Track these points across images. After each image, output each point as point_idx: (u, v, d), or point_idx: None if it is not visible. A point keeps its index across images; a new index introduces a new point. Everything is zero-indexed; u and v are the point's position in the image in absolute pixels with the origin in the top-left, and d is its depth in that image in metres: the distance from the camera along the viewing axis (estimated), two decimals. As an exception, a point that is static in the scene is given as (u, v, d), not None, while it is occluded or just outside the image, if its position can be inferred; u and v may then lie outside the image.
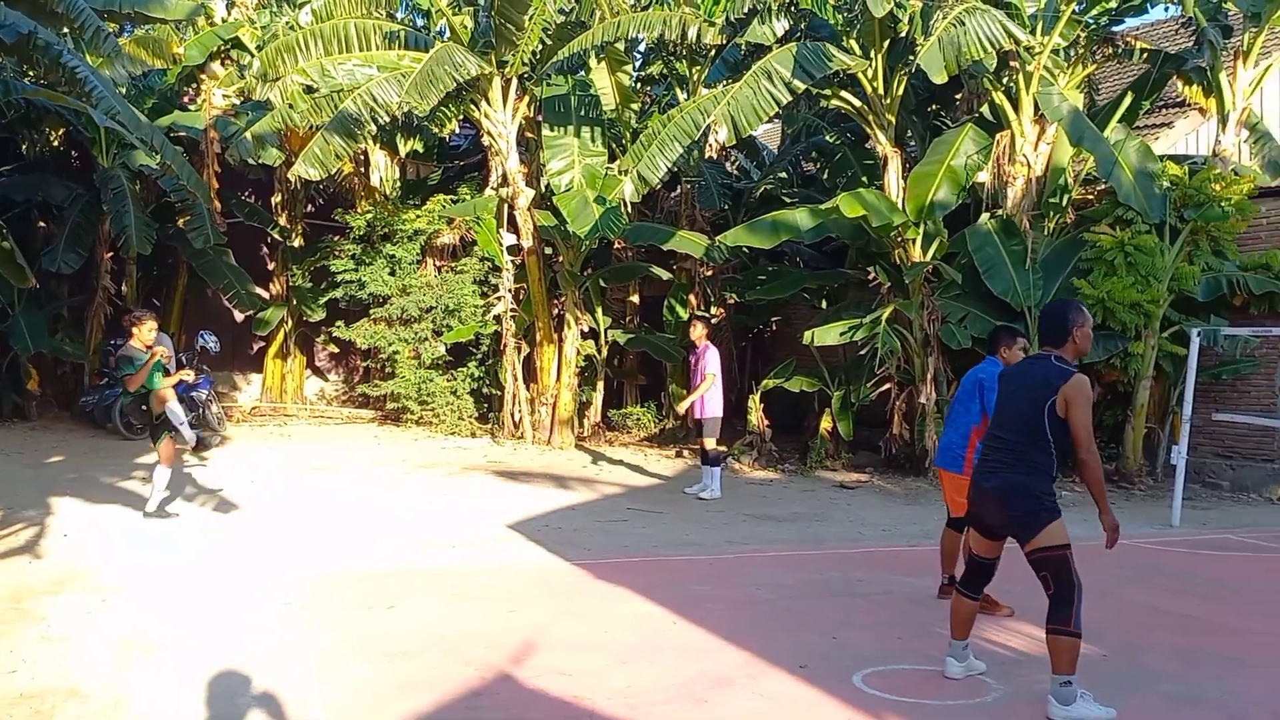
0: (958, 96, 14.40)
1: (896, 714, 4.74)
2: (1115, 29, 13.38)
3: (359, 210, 16.81)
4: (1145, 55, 13.36)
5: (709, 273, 16.14)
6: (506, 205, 15.21)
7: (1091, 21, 12.84)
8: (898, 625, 6.22)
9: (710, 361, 11.17)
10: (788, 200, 15.73)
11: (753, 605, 6.74)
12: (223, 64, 16.64)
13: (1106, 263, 12.04)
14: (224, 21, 16.90)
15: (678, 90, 16.37)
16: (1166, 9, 13.41)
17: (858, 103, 13.25)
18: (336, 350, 18.92)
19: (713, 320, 14.76)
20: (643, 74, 17.71)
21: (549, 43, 14.02)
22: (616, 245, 16.27)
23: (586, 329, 15.74)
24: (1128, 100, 13.25)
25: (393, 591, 6.71)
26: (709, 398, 11.15)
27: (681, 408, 11.86)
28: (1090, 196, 13.40)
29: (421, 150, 17.75)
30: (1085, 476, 4.83)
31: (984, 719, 4.72)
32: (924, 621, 6.32)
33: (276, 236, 17.82)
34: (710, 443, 11.17)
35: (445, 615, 6.21)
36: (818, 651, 5.63)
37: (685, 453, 14.68)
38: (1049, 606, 4.72)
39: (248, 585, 6.79)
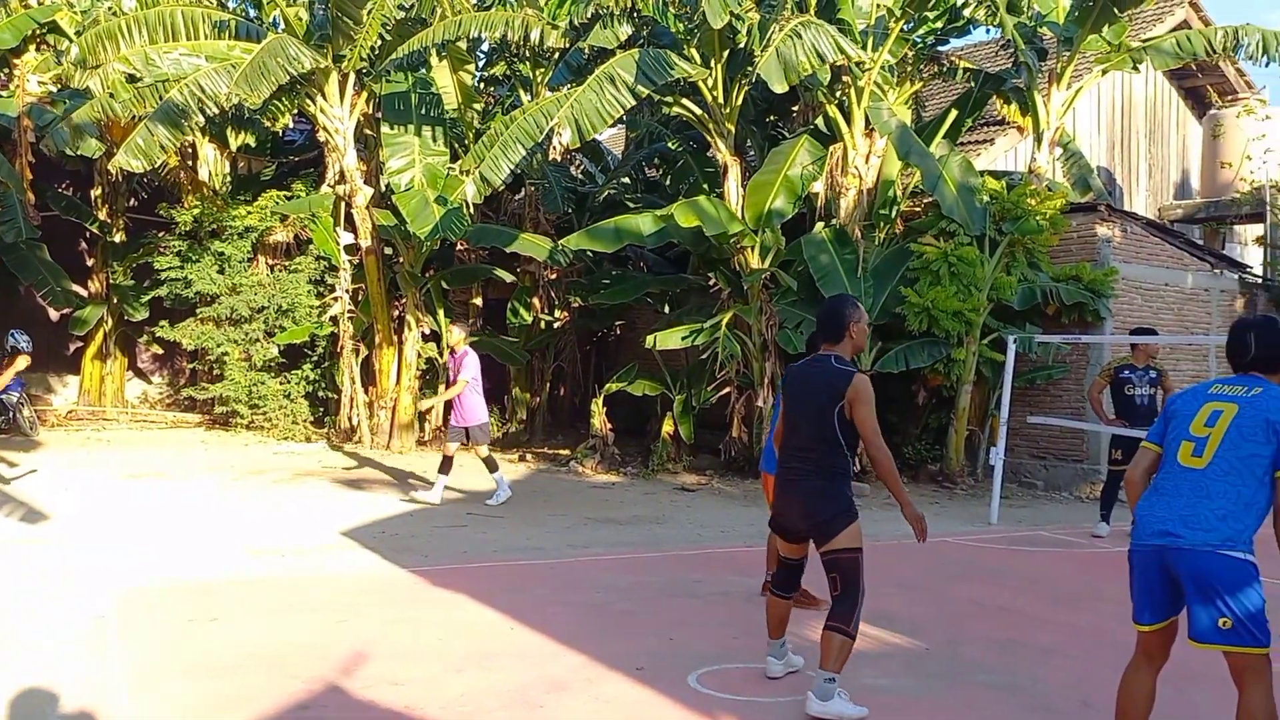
0: (794, 108, 14.81)
1: (729, 712, 4.81)
2: (941, 48, 13.99)
3: (186, 205, 16.10)
4: (968, 75, 14.04)
5: (553, 276, 16.13)
6: (344, 203, 14.83)
7: (919, 40, 13.41)
8: (733, 624, 6.32)
9: (467, 367, 10.64)
10: (631, 205, 15.87)
11: (592, 608, 6.74)
12: (38, 49, 15.67)
13: (932, 272, 12.56)
14: (40, 4, 15.92)
15: (521, 91, 16.30)
16: (988, 31, 14.11)
17: (699, 111, 13.47)
18: (161, 351, 18.09)
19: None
20: (486, 74, 17.57)
21: (388, 38, 13.75)
22: (459, 247, 16.08)
23: (428, 331, 15.49)
24: (951, 117, 13.89)
25: (217, 603, 6.43)
26: (472, 404, 10.63)
27: (423, 406, 11.34)
28: (918, 209, 13.97)
29: (254, 144, 17.12)
30: (879, 474, 4.88)
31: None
32: (759, 620, 6.42)
33: (96, 231, 16.89)
34: (484, 450, 10.82)
35: (272, 627, 5.98)
36: (654, 653, 5.67)
37: (529, 456, 14.61)
38: (833, 604, 4.82)
39: (58, 598, 6.39)
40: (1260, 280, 16.02)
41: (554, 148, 11.60)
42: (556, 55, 14.91)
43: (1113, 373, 10.12)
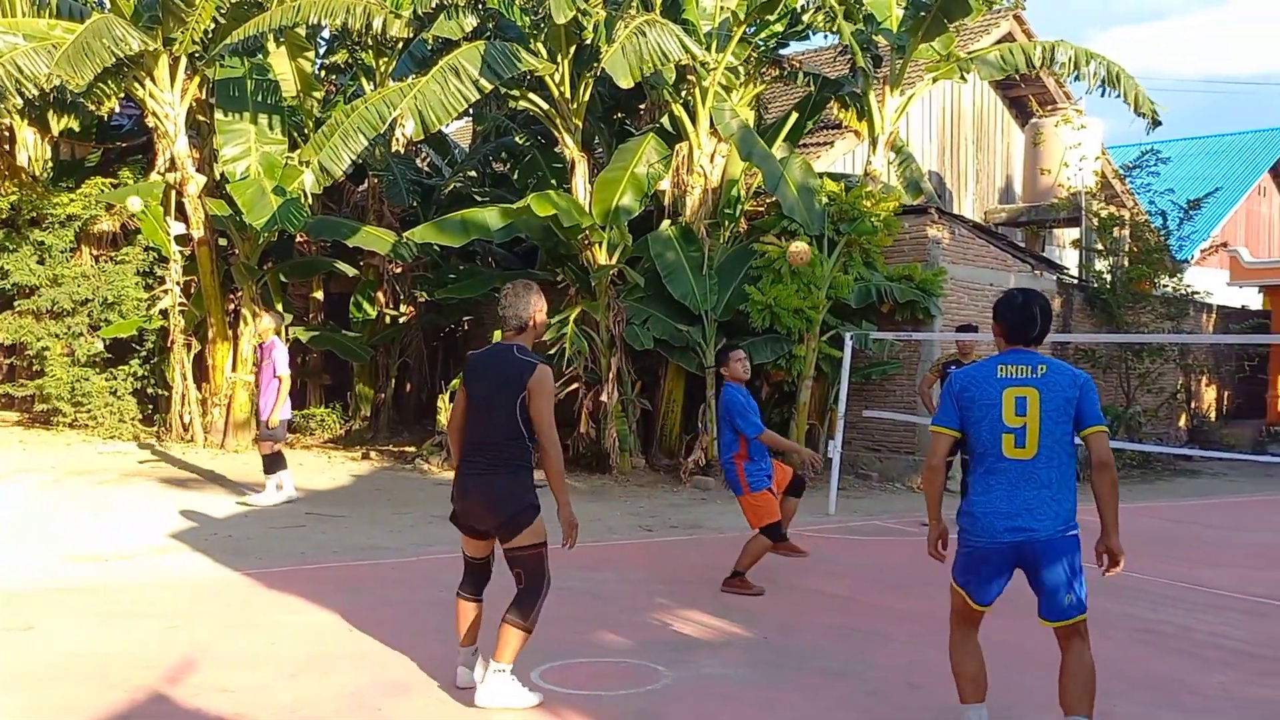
0: (642, 106, 14.94)
1: (570, 707, 4.83)
2: (782, 52, 14.37)
3: (3, 191, 15.11)
4: (808, 79, 14.45)
5: (398, 270, 15.83)
6: (175, 192, 14.20)
7: (761, 44, 13.73)
8: (577, 620, 6.34)
9: (280, 361, 10.27)
10: (479, 199, 15.70)
11: (435, 608, 6.64)
12: None
13: (774, 271, 12.88)
14: None
15: (364, 81, 15.95)
16: (826, 37, 14.54)
17: (546, 105, 13.45)
18: (-27, 347, 16.93)
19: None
20: (327, 62, 17.10)
21: (223, 22, 13.23)
22: (298, 239, 15.61)
23: (265, 326, 14.96)
24: (792, 120, 14.28)
25: (32, 611, 6.08)
26: (274, 399, 10.22)
27: (274, 419, 10.47)
28: (761, 208, 14.30)
29: (77, 129, 16.21)
30: (546, 468, 4.74)
31: (654, 704, 4.90)
32: (603, 615, 6.50)
33: (-102, 218, 15.69)
34: (268, 446, 10.27)
35: (94, 635, 5.69)
36: (497, 650, 5.64)
37: (373, 454, 14.32)
38: (515, 598, 4.79)
39: None
40: (1076, 281, 17.03)
41: (397, 139, 11.40)
42: (400, 45, 14.62)
43: (942, 369, 10.58)
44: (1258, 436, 19.29)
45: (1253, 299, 23.65)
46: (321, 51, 16.90)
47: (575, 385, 13.53)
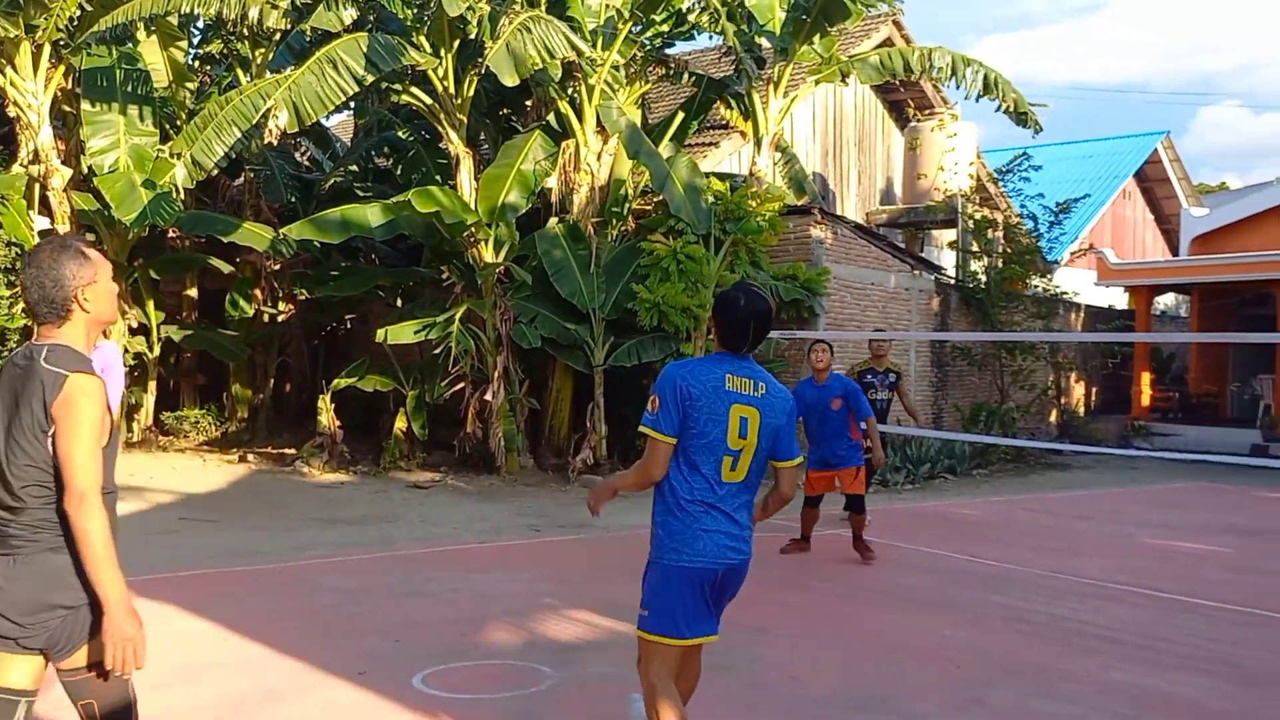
0: (528, 103, 14.84)
1: (451, 712, 4.75)
2: (668, 51, 14.43)
3: None
4: (694, 79, 14.55)
5: (276, 267, 15.41)
6: (39, 185, 13.55)
7: (647, 43, 13.77)
8: (462, 623, 6.26)
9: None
10: (360, 194, 15.40)
11: (314, 613, 6.49)
12: None
13: (662, 269, 12.93)
14: None
15: (239, 72, 15.48)
16: (711, 38, 14.65)
17: (429, 100, 13.25)
18: None
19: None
20: (201, 52, 16.55)
21: (89, 9, 12.67)
22: (171, 234, 15.06)
23: (136, 325, 14.42)
24: (679, 119, 14.36)
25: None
26: None
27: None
28: (648, 207, 14.34)
29: (-70, 117, 15.35)
30: (79, 544, 2.99)
31: (537, 705, 4.85)
32: (488, 616, 6.42)
33: None
34: None
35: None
36: (379, 655, 5.52)
37: (250, 457, 13.92)
38: None
39: None
40: (953, 280, 17.54)
41: (271, 131, 11.07)
42: (278, 36, 14.23)
43: (858, 376, 10.65)
44: (1122, 431, 20.17)
45: (1119, 299, 24.78)
46: (195, 41, 16.36)
47: (461, 385, 13.37)
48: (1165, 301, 27.81)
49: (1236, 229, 24.61)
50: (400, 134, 15.99)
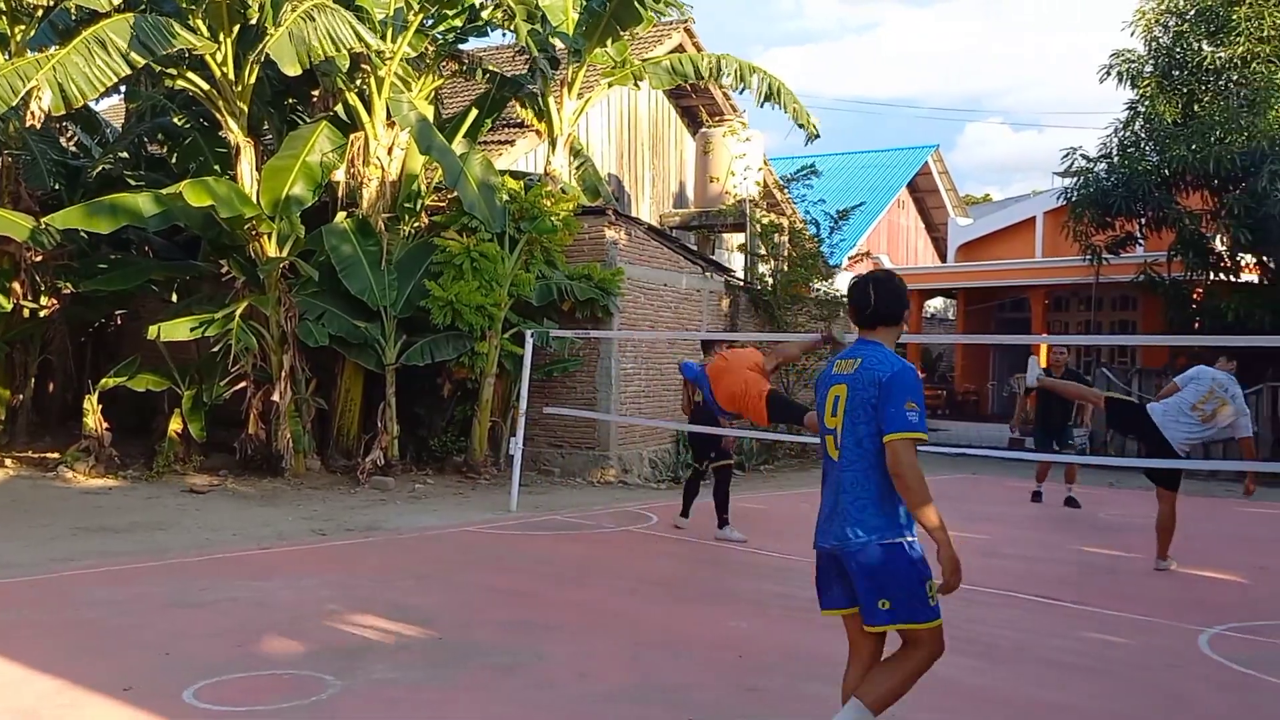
0: (315, 93, 14.34)
1: (228, 725, 4.57)
2: (461, 46, 14.27)
3: None
4: (488, 76, 14.44)
5: (38, 258, 14.28)
6: None
7: (439, 36, 13.57)
8: (238, 632, 6.00)
9: None
10: (133, 183, 14.47)
11: (75, 627, 6.08)
12: None
13: (455, 267, 12.78)
14: None
15: (-5, 49, 14.27)
16: (504, 35, 14.60)
17: (207, 86, 12.64)
18: None
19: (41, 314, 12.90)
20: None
21: None
22: (-87, 221, 13.73)
23: None
24: (472, 116, 14.23)
25: None
26: None
27: None
28: (442, 204, 14.14)
29: None
30: None
31: (317, 715, 4.71)
32: (269, 625, 6.18)
33: None
34: None
35: None
36: (147, 670, 5.23)
37: (9, 461, 12.93)
38: None
39: None
40: (742, 283, 18.11)
41: (33, 114, 10.29)
42: (40, 12, 13.22)
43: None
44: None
45: (893, 301, 26.15)
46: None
47: (243, 384, 12.80)
48: (935, 305, 29.72)
49: (997, 238, 26.56)
50: (176, 120, 15.13)
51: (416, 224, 13.63)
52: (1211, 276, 17.44)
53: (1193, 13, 17.33)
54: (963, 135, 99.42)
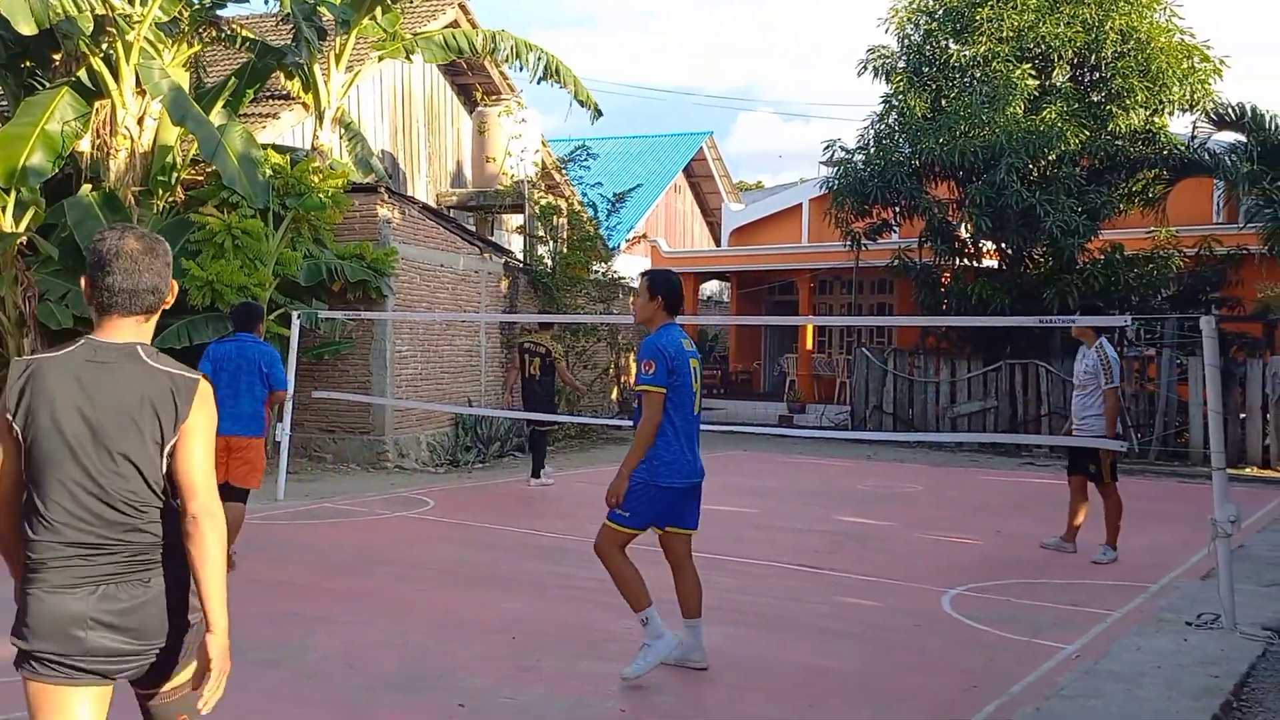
0: (56, 56, 13.21)
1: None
2: (220, 12, 13.47)
3: None
4: (249, 44, 13.71)
5: None
6: None
7: (195, 1, 12.78)
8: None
9: None
10: None
11: None
12: None
13: (216, 244, 12.10)
14: None
15: None
16: (266, 2, 13.90)
17: (-72, 44, 11.42)
18: None
19: None
20: None
21: None
22: None
23: None
24: (231, 86, 13.46)
25: None
26: None
27: None
28: (200, 177, 13.35)
29: None
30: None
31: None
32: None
33: None
34: None
35: None
36: None
37: None
38: None
39: None
40: (521, 264, 18.03)
41: None
42: None
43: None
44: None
45: (669, 284, 26.72)
46: None
47: (-27, 371, 11.71)
48: (710, 288, 30.56)
49: (767, 223, 27.56)
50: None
51: (171, 199, 12.81)
52: (958, 262, 18.68)
53: (941, 12, 18.46)
54: (736, 124, 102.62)
